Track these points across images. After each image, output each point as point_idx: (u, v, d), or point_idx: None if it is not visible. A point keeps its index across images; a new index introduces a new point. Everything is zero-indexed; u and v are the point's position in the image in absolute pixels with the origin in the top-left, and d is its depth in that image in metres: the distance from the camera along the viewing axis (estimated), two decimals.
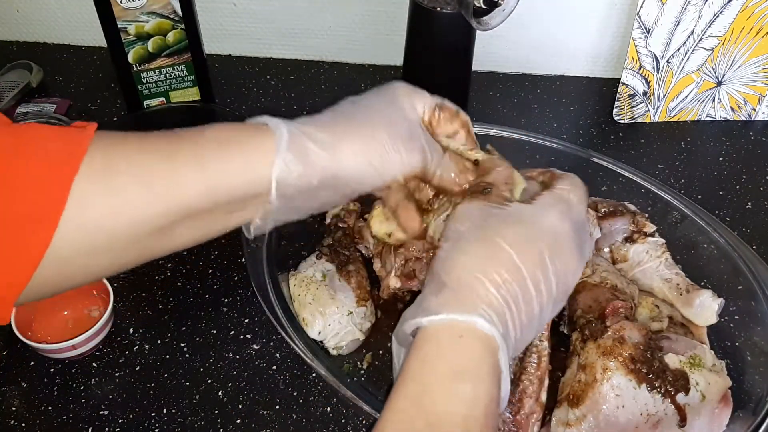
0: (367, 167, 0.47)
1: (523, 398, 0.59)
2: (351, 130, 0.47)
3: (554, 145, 0.82)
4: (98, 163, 0.41)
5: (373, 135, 0.47)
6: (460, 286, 0.42)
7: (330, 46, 1.03)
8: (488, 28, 0.74)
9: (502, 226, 0.44)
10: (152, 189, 0.42)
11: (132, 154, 0.42)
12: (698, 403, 0.60)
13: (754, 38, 0.92)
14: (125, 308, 0.74)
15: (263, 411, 0.66)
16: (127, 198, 0.41)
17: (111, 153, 0.42)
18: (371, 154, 0.47)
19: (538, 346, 0.61)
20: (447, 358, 0.40)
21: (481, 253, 0.43)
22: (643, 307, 0.69)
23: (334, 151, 0.46)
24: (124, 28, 0.84)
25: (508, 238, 0.43)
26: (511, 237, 0.43)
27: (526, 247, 0.43)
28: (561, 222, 0.46)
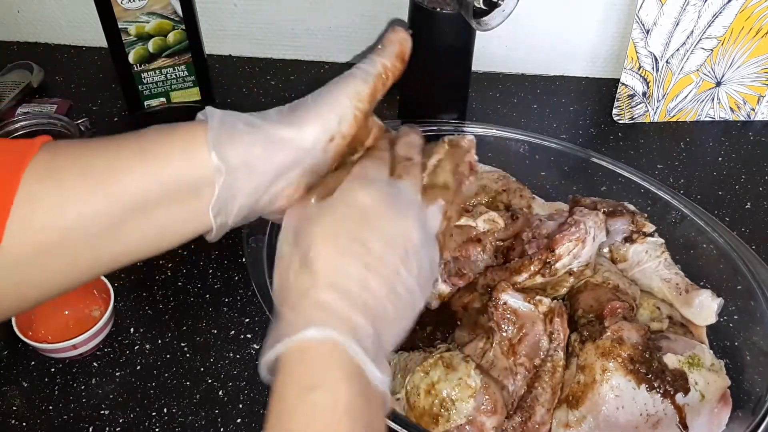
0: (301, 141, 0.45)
1: (534, 405, 0.59)
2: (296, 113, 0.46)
3: (554, 145, 0.82)
4: (44, 164, 0.41)
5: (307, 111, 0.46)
6: (285, 307, 0.42)
7: (330, 46, 1.04)
8: (488, 29, 0.75)
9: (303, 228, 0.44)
10: (97, 183, 0.42)
11: (76, 154, 0.43)
12: (697, 403, 0.60)
13: (754, 38, 0.92)
14: (126, 308, 0.74)
15: (263, 410, 0.66)
16: (73, 193, 0.41)
17: (56, 154, 0.42)
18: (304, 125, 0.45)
19: (554, 357, 0.61)
20: (296, 376, 0.39)
21: (300, 273, 0.42)
22: (644, 308, 0.69)
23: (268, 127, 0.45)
24: (124, 29, 0.84)
25: (308, 238, 0.43)
26: (310, 237, 0.42)
27: (325, 240, 0.42)
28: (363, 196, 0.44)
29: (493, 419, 0.57)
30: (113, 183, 0.42)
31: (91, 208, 0.41)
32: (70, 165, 0.42)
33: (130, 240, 0.44)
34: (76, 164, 0.42)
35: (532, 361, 0.62)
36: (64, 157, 0.42)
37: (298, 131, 0.44)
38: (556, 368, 0.61)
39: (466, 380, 0.57)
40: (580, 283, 0.68)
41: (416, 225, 0.45)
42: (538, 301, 0.64)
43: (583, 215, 0.67)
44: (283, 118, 0.45)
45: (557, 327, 0.64)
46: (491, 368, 0.61)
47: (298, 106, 0.46)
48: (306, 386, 0.38)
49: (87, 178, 0.42)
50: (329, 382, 0.38)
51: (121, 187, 0.42)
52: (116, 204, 0.42)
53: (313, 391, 0.38)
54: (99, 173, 0.42)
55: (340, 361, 0.39)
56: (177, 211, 0.44)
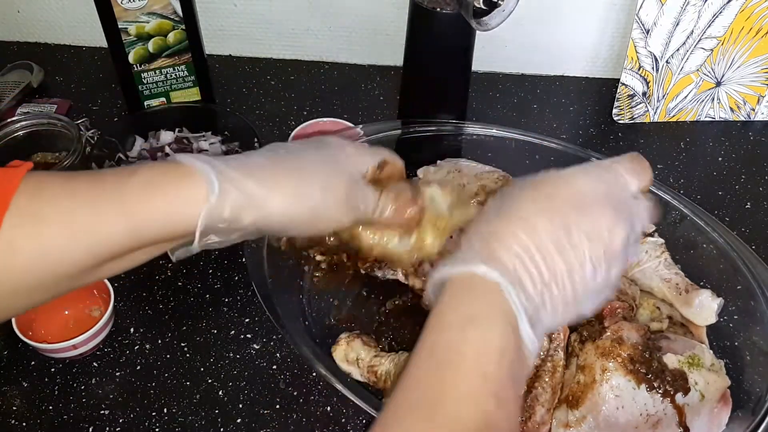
0: (296, 225, 0.49)
1: (534, 405, 0.59)
2: (284, 183, 0.48)
3: (554, 145, 0.82)
4: (25, 209, 0.42)
5: (306, 193, 0.48)
6: (470, 245, 0.44)
7: (330, 46, 1.04)
8: (488, 29, 0.75)
9: (514, 186, 0.47)
10: (77, 235, 0.43)
11: (57, 199, 0.43)
12: (697, 403, 0.60)
13: (754, 38, 0.92)
14: (126, 308, 0.74)
15: (263, 410, 0.66)
16: (53, 243, 0.43)
17: (37, 197, 0.43)
18: (301, 211, 0.48)
19: (554, 357, 0.61)
20: (457, 306, 0.42)
21: (494, 221, 0.45)
22: (644, 308, 0.69)
23: (263, 204, 0.47)
24: (124, 29, 0.84)
25: (516, 195, 0.46)
26: (519, 195, 0.46)
27: (540, 210, 0.44)
28: (584, 183, 0.46)
29: None
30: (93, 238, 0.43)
31: (70, 258, 0.43)
32: (50, 213, 0.43)
33: (102, 274, 0.47)
34: (56, 214, 0.43)
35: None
36: (45, 203, 0.43)
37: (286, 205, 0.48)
38: (556, 368, 0.61)
39: None
40: None
41: (626, 228, 0.46)
42: None
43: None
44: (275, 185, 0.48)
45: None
46: None
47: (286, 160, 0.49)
48: (466, 318, 0.41)
49: (67, 231, 0.43)
50: (488, 322, 0.41)
51: (101, 242, 0.44)
52: (94, 255, 0.44)
53: (472, 323, 0.41)
54: (80, 227, 0.43)
55: (504, 308, 0.41)
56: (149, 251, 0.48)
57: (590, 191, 0.46)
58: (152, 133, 0.86)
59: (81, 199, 0.43)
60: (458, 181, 0.76)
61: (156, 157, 0.83)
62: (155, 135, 0.86)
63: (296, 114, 0.96)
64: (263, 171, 0.47)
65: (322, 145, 0.52)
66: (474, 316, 0.41)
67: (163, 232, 0.45)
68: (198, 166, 0.45)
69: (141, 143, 0.86)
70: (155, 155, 0.83)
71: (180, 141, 0.85)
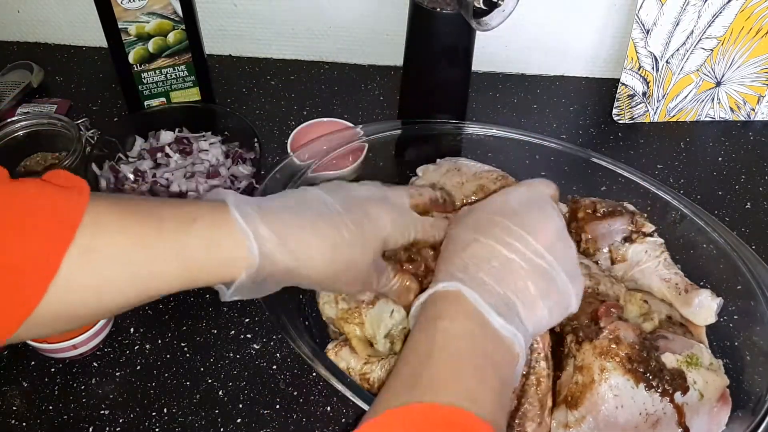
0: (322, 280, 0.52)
1: (524, 422, 0.57)
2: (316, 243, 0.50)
3: (554, 145, 0.82)
4: (85, 245, 0.43)
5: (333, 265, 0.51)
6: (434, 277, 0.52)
7: (330, 46, 1.04)
8: (488, 29, 0.75)
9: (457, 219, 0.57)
10: (134, 277, 0.45)
11: (117, 237, 0.45)
12: (696, 402, 0.60)
13: (754, 38, 0.92)
14: None
15: (263, 410, 0.66)
16: (110, 281, 0.45)
17: (97, 233, 0.44)
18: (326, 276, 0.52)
19: (536, 368, 0.59)
20: (427, 313, 0.49)
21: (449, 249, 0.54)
22: (632, 304, 0.69)
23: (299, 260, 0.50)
24: (124, 29, 0.84)
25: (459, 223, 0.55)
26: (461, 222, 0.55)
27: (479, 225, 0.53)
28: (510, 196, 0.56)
29: None
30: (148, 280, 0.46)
31: (124, 295, 0.46)
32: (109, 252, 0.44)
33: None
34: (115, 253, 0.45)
35: None
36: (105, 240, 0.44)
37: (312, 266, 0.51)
38: (540, 380, 0.59)
39: None
40: None
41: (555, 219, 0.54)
42: None
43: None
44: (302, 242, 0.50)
45: (536, 337, 0.62)
46: None
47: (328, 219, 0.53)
48: (432, 318, 0.48)
49: (125, 272, 0.45)
50: (451, 315, 0.47)
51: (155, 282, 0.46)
52: (148, 293, 0.47)
53: (437, 320, 0.47)
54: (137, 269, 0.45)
55: (464, 305, 0.48)
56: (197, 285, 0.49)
57: (516, 200, 0.55)
58: (152, 133, 0.86)
59: (139, 239, 0.45)
60: (457, 179, 0.76)
61: (156, 157, 0.83)
62: (155, 135, 0.86)
63: (296, 114, 0.96)
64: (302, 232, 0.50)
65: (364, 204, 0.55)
66: (439, 315, 0.48)
67: (211, 278, 0.48)
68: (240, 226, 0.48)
69: (141, 143, 0.86)
70: (155, 155, 0.83)
71: (180, 141, 0.85)
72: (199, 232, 0.46)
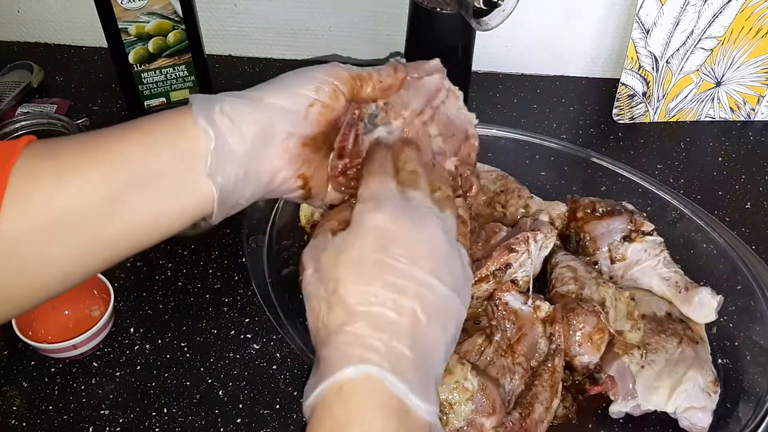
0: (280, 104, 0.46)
1: (533, 403, 0.60)
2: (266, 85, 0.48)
3: (554, 145, 0.82)
4: (42, 145, 0.42)
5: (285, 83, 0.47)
6: (323, 348, 0.42)
7: (330, 46, 1.04)
8: (488, 29, 0.75)
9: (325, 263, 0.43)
10: (95, 155, 0.42)
11: (71, 138, 0.44)
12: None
13: (754, 38, 0.92)
14: (126, 308, 0.74)
15: (264, 410, 0.66)
16: (71, 167, 0.41)
17: (51, 141, 0.43)
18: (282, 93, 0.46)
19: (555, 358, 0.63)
20: (332, 414, 0.39)
21: (316, 309, 0.43)
22: (621, 302, 0.69)
23: (250, 94, 0.46)
24: (124, 29, 0.84)
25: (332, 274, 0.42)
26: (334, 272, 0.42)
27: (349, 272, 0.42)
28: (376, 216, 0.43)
29: (492, 419, 0.57)
30: (108, 155, 0.42)
31: (90, 181, 0.42)
32: (66, 143, 0.43)
33: (131, 215, 0.43)
34: (71, 142, 0.43)
35: (529, 362, 0.62)
36: (59, 140, 0.43)
37: (275, 96, 0.46)
38: (556, 369, 0.62)
39: (463, 383, 0.57)
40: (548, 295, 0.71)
41: (438, 232, 0.44)
42: (536, 306, 0.65)
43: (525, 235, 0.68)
44: (263, 88, 0.47)
45: (557, 329, 0.64)
46: (489, 366, 0.61)
47: (277, 79, 0.48)
48: (339, 423, 0.38)
49: (84, 152, 0.42)
50: (363, 419, 0.38)
51: (116, 159, 0.42)
52: (113, 177, 0.42)
53: (346, 427, 0.38)
54: (95, 147, 0.42)
55: (378, 395, 0.39)
56: (174, 182, 0.43)
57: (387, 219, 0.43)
58: None
59: (93, 133, 0.44)
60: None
61: None
62: None
63: None
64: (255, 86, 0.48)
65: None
66: (347, 420, 0.38)
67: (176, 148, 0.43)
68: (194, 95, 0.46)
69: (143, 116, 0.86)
70: None
71: None
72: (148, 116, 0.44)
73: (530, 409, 0.59)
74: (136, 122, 0.44)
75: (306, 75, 0.48)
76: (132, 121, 0.45)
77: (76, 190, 0.41)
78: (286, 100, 0.46)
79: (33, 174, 0.41)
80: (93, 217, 0.42)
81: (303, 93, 0.47)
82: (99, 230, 0.43)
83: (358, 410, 0.38)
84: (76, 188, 0.41)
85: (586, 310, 0.65)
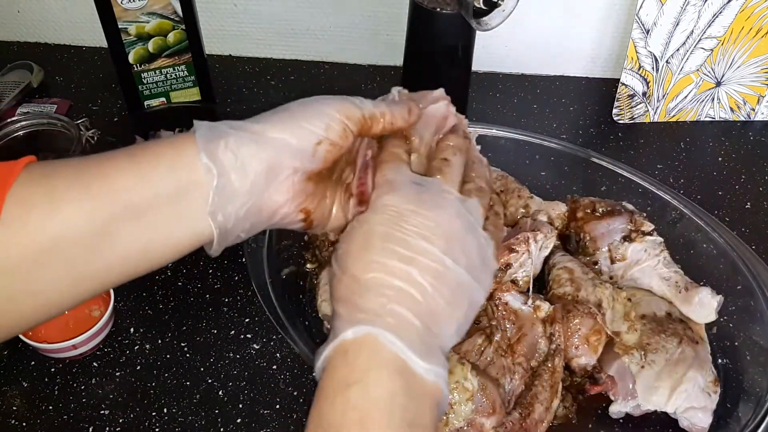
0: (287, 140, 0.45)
1: (533, 403, 0.60)
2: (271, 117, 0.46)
3: (554, 145, 0.82)
4: (37, 170, 0.42)
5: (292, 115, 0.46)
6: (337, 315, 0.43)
7: (330, 46, 1.04)
8: (488, 29, 0.75)
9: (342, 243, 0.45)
10: (89, 185, 0.41)
11: (68, 162, 0.43)
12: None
13: (754, 38, 0.92)
14: (126, 308, 0.74)
15: (264, 410, 0.66)
16: (65, 196, 0.41)
17: (48, 165, 0.42)
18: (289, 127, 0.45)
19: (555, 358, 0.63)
20: (336, 375, 0.40)
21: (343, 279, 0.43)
22: (618, 303, 0.69)
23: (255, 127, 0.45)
24: (124, 29, 0.84)
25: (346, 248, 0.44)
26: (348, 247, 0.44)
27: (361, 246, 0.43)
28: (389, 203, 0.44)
29: (492, 419, 0.57)
30: (104, 185, 0.42)
31: (83, 211, 0.41)
32: (62, 170, 0.42)
33: (123, 247, 0.43)
34: (67, 169, 0.42)
35: (529, 362, 0.62)
36: (56, 164, 0.42)
37: (282, 131, 0.45)
38: (556, 369, 0.62)
39: (463, 383, 0.57)
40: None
41: (454, 213, 0.44)
42: (536, 306, 0.65)
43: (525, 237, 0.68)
44: (268, 121, 0.45)
45: (557, 329, 0.64)
46: (489, 366, 0.61)
47: (282, 109, 0.46)
48: (344, 383, 0.39)
49: (79, 181, 0.41)
50: (367, 378, 0.39)
51: (112, 188, 0.42)
52: (108, 206, 0.41)
53: (350, 387, 0.39)
54: (91, 176, 0.42)
55: (381, 356, 0.40)
56: (169, 216, 0.43)
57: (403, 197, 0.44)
58: (152, 133, 0.86)
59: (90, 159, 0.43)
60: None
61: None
62: (155, 135, 0.86)
63: None
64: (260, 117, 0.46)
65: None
66: (352, 378, 0.39)
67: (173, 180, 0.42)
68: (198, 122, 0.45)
69: (141, 143, 0.86)
70: None
71: None
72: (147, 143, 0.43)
73: (530, 409, 0.59)
74: (135, 149, 0.44)
75: (314, 108, 0.46)
76: (132, 147, 0.44)
77: (68, 220, 0.41)
78: (293, 136, 0.45)
79: (27, 201, 0.40)
80: (85, 248, 0.42)
81: (311, 129, 0.45)
82: (90, 260, 0.42)
83: (363, 369, 0.39)
84: (68, 218, 0.41)
85: (582, 312, 0.65)
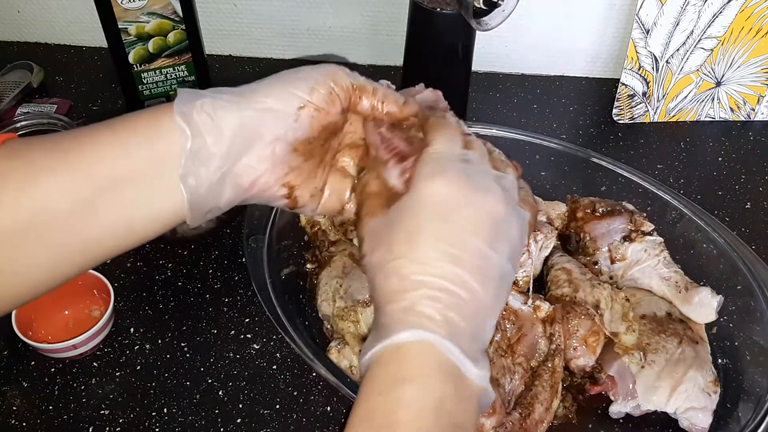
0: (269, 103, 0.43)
1: (534, 403, 0.60)
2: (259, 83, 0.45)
3: (554, 145, 0.82)
4: (14, 144, 0.41)
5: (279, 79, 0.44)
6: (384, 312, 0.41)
7: (330, 46, 1.04)
8: (488, 29, 0.75)
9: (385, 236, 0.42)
10: (65, 158, 0.40)
11: (45, 137, 0.42)
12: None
13: (754, 38, 0.92)
14: (126, 308, 0.74)
15: (263, 410, 0.66)
16: (42, 169, 0.40)
17: (27, 140, 0.42)
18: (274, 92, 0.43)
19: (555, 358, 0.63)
20: (389, 370, 0.39)
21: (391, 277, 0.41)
22: (617, 304, 0.69)
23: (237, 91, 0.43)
24: (124, 29, 0.84)
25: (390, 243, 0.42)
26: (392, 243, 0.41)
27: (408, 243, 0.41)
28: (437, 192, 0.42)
29: (492, 419, 0.57)
30: (81, 157, 0.40)
31: (60, 184, 0.40)
32: (38, 145, 0.41)
33: (102, 222, 0.42)
34: (44, 143, 0.41)
35: (529, 362, 0.62)
36: (36, 139, 0.42)
37: (266, 96, 0.43)
38: (556, 369, 0.62)
39: None
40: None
41: (499, 197, 0.42)
42: (536, 306, 0.65)
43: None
44: (254, 86, 0.44)
45: (557, 329, 0.64)
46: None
47: (272, 76, 0.45)
48: (397, 379, 0.38)
49: (55, 153, 0.40)
50: (422, 379, 0.38)
51: (88, 160, 0.40)
52: (85, 179, 0.40)
53: (403, 384, 0.38)
54: (67, 148, 0.41)
55: (435, 357, 0.39)
56: (148, 186, 0.41)
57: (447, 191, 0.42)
58: None
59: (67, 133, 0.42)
60: None
61: None
62: None
63: None
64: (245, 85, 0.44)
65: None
66: (406, 378, 0.38)
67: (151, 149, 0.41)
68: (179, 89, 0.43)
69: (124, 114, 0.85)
70: None
71: None
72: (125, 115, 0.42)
73: (530, 409, 0.59)
74: (114, 121, 0.42)
75: (302, 74, 0.44)
76: (111, 119, 0.43)
77: (45, 194, 0.40)
78: (276, 99, 0.43)
79: (3, 174, 0.40)
80: (63, 222, 0.40)
81: (296, 93, 0.43)
82: (70, 236, 0.41)
83: (417, 369, 0.39)
84: (45, 191, 0.40)
85: (580, 313, 0.65)
